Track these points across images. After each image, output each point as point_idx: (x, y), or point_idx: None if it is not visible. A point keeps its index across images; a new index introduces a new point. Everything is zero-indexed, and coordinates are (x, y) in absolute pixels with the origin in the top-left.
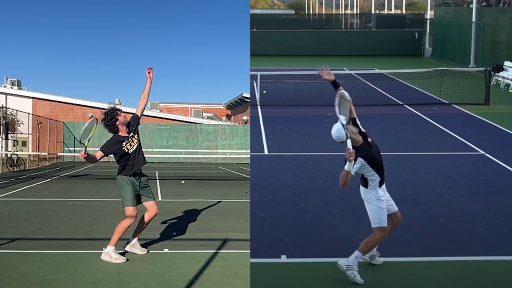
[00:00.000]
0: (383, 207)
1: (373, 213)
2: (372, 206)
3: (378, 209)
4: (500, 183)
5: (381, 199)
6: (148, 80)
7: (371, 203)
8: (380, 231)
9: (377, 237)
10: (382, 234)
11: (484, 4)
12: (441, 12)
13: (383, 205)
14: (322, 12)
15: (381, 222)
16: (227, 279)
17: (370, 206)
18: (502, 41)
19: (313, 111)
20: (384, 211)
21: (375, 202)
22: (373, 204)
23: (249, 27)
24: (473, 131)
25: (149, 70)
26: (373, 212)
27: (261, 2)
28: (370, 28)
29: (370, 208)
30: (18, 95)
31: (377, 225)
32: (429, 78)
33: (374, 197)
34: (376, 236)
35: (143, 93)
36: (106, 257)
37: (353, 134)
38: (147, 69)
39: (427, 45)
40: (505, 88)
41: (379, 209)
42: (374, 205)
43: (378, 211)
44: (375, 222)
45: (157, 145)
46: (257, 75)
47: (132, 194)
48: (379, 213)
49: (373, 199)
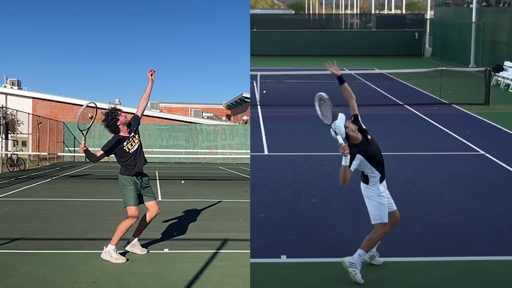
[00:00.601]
0: (384, 203)
1: (374, 209)
2: (372, 202)
3: (379, 205)
4: (500, 183)
5: (382, 195)
6: (149, 82)
7: (371, 199)
8: (381, 227)
9: (378, 233)
10: (384, 230)
11: (484, 4)
12: (441, 12)
13: (384, 201)
14: (322, 12)
15: (382, 218)
16: (227, 279)
17: (371, 203)
18: (502, 41)
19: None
20: (385, 207)
21: (376, 198)
22: (374, 200)
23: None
24: (473, 131)
25: (151, 72)
26: (374, 208)
27: (261, 2)
28: (370, 28)
29: (371, 205)
30: (18, 95)
31: (378, 221)
32: (429, 78)
33: (375, 193)
34: (378, 233)
35: (144, 94)
36: (107, 256)
37: (352, 132)
38: (149, 71)
39: (427, 45)
40: (505, 88)
41: (380, 205)
42: (375, 201)
43: (379, 207)
44: (376, 218)
45: (157, 145)
46: (257, 75)
47: (135, 194)
48: (380, 209)
49: (374, 195)
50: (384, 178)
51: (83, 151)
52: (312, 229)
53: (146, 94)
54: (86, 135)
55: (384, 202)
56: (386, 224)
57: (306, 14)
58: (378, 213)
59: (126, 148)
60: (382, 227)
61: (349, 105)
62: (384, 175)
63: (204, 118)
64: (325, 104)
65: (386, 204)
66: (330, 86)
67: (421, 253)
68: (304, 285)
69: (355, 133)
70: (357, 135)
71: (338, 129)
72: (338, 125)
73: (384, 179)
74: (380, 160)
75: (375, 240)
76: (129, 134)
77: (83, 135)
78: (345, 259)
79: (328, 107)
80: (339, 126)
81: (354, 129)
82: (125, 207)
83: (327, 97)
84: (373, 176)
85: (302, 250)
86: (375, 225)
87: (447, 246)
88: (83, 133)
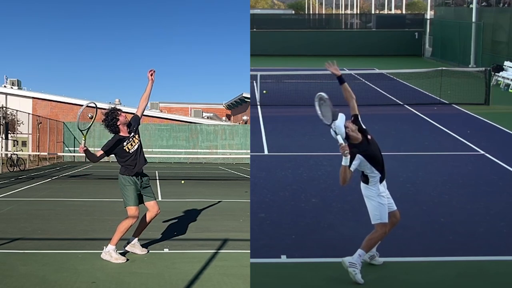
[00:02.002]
0: (384, 203)
1: (374, 209)
2: (372, 202)
3: (379, 205)
4: (500, 183)
5: (382, 195)
6: (149, 82)
7: (372, 200)
8: (381, 227)
9: (378, 233)
10: (384, 230)
11: (484, 4)
12: (441, 12)
13: (384, 201)
14: (322, 12)
15: (382, 218)
16: (227, 279)
17: (371, 203)
18: (502, 41)
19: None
20: (385, 207)
21: (376, 198)
22: (374, 200)
23: (249, 27)
24: (473, 131)
25: (151, 72)
26: (374, 208)
27: (261, 2)
28: (370, 28)
29: (371, 205)
30: (18, 95)
31: (378, 221)
32: (429, 78)
33: (375, 193)
34: (378, 233)
35: (144, 94)
36: (107, 256)
37: (352, 132)
38: (149, 71)
39: (427, 45)
40: (505, 88)
41: (380, 205)
42: (375, 201)
43: (379, 207)
44: (376, 218)
45: (157, 145)
46: (257, 75)
47: (135, 194)
48: (380, 209)
49: (374, 195)
50: (384, 178)
51: (83, 151)
52: (312, 229)
53: (146, 94)
54: (86, 135)
55: (384, 202)
56: (386, 224)
57: (306, 14)
58: (378, 213)
59: (126, 148)
60: (382, 227)
61: (349, 105)
62: (384, 175)
63: (204, 118)
64: (325, 104)
65: (386, 204)
66: (330, 86)
67: (421, 253)
68: (304, 285)
69: (355, 133)
70: (357, 135)
71: (338, 129)
72: (338, 125)
73: (384, 179)
74: (380, 160)
75: (375, 240)
76: (129, 134)
77: (83, 135)
78: (345, 259)
79: (328, 107)
80: (339, 126)
81: (354, 129)
82: (125, 207)
83: (327, 97)
84: (373, 176)
85: (302, 250)
86: (375, 225)
87: (447, 246)
88: (83, 133)
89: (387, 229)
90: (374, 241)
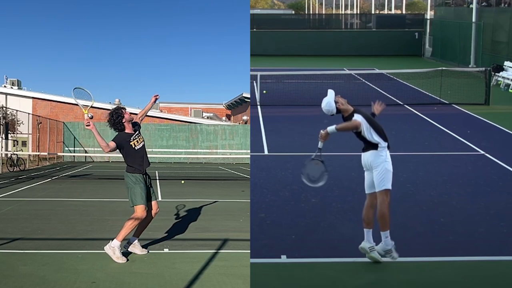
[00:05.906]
0: (391, 169)
1: (381, 176)
2: (381, 169)
3: (387, 172)
4: (500, 183)
5: (388, 161)
6: (150, 102)
7: (379, 166)
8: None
9: (386, 201)
10: (388, 197)
11: (484, 4)
12: (441, 12)
13: (391, 168)
14: (322, 12)
15: (385, 185)
16: (227, 279)
17: (379, 169)
18: (502, 41)
19: (313, 111)
20: (391, 174)
21: (384, 164)
22: (381, 166)
23: (249, 27)
24: (473, 131)
25: (156, 96)
26: (381, 175)
27: (261, 2)
28: (370, 28)
29: (379, 172)
30: (18, 95)
31: (383, 187)
32: (429, 78)
33: (383, 159)
34: (385, 201)
35: (143, 110)
36: (110, 251)
37: (342, 105)
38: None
39: (427, 45)
40: (505, 88)
41: (388, 171)
42: (383, 167)
43: (388, 173)
44: (381, 185)
45: (157, 145)
46: (257, 75)
47: (144, 193)
48: (388, 175)
49: (383, 161)
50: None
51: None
52: (312, 229)
53: (145, 110)
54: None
55: (391, 169)
56: (389, 191)
57: (306, 14)
58: (386, 178)
59: (133, 144)
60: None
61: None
62: (389, 144)
63: (204, 118)
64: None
65: (391, 171)
66: (330, 86)
67: (421, 253)
68: (304, 285)
69: (345, 106)
70: (348, 107)
71: (329, 105)
72: (328, 101)
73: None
74: (382, 129)
75: (386, 210)
76: (134, 132)
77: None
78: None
79: (318, 166)
80: (329, 102)
81: (344, 102)
82: (133, 206)
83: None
84: (382, 145)
85: (302, 250)
86: (379, 193)
87: (447, 246)
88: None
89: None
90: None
